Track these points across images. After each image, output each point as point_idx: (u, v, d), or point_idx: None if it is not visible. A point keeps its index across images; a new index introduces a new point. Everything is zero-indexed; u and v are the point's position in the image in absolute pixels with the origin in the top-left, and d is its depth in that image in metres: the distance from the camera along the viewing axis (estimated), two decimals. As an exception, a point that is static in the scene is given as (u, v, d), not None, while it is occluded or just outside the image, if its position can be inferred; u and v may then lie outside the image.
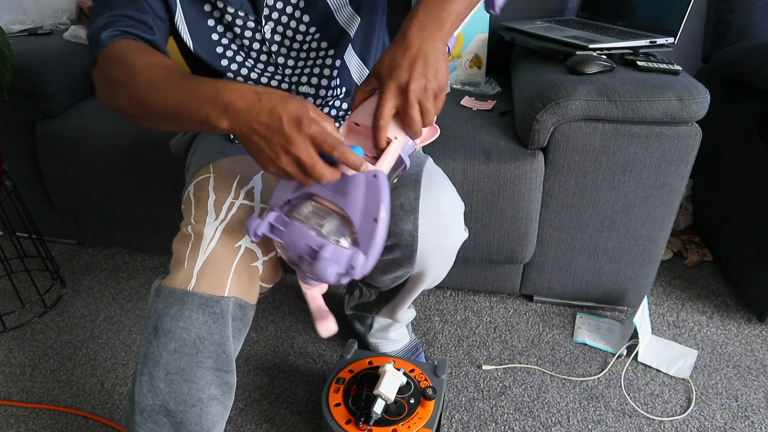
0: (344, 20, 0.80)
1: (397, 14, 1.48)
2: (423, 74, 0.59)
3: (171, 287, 0.66)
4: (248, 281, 0.69)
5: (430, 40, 0.61)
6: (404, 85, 0.59)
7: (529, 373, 1.15)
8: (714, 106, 1.11)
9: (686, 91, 1.00)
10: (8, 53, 1.23)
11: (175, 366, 0.65)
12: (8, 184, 1.32)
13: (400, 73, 0.59)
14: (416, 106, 0.60)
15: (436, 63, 0.60)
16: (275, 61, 0.80)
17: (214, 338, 0.66)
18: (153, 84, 0.60)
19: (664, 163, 1.06)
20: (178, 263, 0.68)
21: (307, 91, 0.83)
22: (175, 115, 0.59)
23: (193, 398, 0.66)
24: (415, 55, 0.60)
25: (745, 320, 1.28)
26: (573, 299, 1.31)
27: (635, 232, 1.15)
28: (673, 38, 1.14)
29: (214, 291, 0.65)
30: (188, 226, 0.71)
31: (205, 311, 0.65)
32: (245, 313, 0.70)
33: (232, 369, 0.70)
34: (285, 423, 1.06)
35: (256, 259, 0.70)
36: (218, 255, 0.67)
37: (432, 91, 0.60)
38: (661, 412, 1.06)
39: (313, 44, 0.80)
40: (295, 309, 1.37)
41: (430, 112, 0.60)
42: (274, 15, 0.76)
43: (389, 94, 0.59)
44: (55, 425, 1.07)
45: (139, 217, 1.42)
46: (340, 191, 0.61)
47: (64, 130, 1.35)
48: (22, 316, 1.37)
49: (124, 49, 0.65)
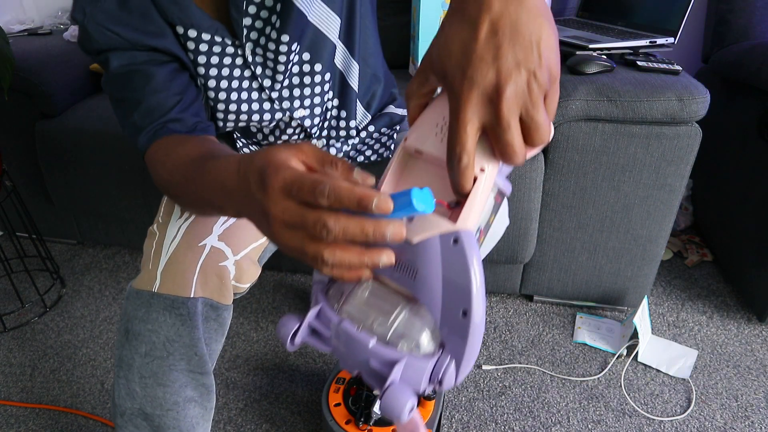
0: (322, 25, 0.72)
1: (398, 14, 1.49)
2: (520, 63, 0.35)
3: (138, 288, 0.65)
4: (217, 281, 0.66)
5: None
6: (492, 91, 0.35)
7: (529, 373, 1.15)
8: (714, 106, 1.11)
9: (686, 91, 1.00)
10: (8, 53, 1.23)
11: (147, 370, 0.64)
12: (8, 184, 1.32)
13: (481, 69, 0.35)
14: (515, 123, 0.36)
15: (538, 35, 0.35)
16: (261, 83, 0.73)
17: (184, 340, 0.64)
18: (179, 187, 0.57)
19: (664, 163, 1.06)
20: (145, 263, 0.66)
21: (303, 114, 0.77)
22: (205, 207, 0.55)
23: (169, 402, 0.65)
24: (499, 29, 0.35)
25: (745, 320, 1.28)
26: (573, 299, 1.31)
27: (635, 232, 1.15)
28: (673, 38, 1.14)
29: (178, 292, 0.63)
30: (155, 224, 0.69)
31: (171, 313, 0.63)
32: (219, 313, 0.67)
33: (208, 370, 0.68)
34: (285, 423, 1.06)
35: (225, 258, 0.66)
36: (181, 254, 0.64)
37: (540, 89, 0.35)
38: (661, 412, 1.06)
39: (295, 58, 0.71)
40: (295, 309, 1.37)
41: (540, 127, 0.36)
42: (252, 35, 0.69)
43: (469, 110, 0.36)
44: (55, 425, 1.07)
45: (139, 217, 1.42)
46: (405, 266, 0.40)
47: (64, 130, 1.35)
48: (22, 316, 1.37)
49: (158, 153, 0.63)
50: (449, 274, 0.38)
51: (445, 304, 0.39)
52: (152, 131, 0.63)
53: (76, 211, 1.51)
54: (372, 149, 0.87)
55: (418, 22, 1.29)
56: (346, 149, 0.84)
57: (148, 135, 0.63)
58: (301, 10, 0.67)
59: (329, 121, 0.82)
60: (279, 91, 0.74)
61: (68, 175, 1.40)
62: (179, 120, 0.64)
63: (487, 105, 0.36)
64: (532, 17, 0.35)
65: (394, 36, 1.48)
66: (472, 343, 0.39)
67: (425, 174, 0.42)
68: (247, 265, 0.69)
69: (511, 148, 0.36)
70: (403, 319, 0.41)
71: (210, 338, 0.68)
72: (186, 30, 0.65)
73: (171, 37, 0.65)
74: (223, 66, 0.70)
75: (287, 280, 1.47)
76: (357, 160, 0.87)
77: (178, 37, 0.66)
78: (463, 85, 0.36)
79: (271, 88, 0.73)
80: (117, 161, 1.32)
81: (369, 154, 0.88)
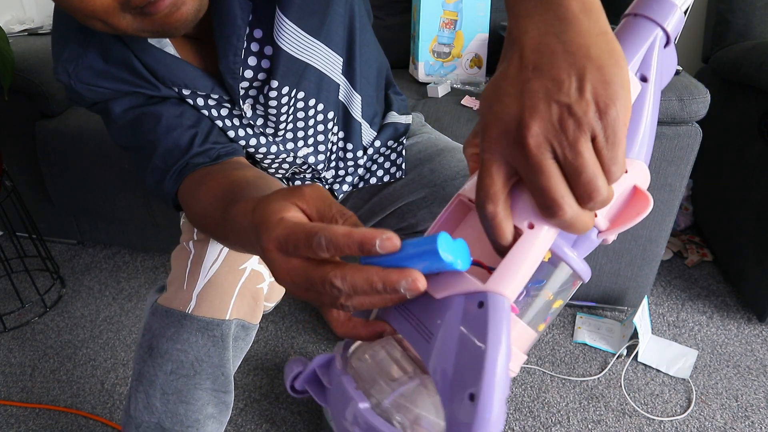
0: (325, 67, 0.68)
1: (398, 14, 1.49)
2: (551, 96, 0.29)
3: (168, 307, 0.62)
4: (252, 302, 0.65)
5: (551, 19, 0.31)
6: (516, 127, 0.30)
7: (529, 373, 1.15)
8: (714, 106, 1.11)
9: (686, 91, 1.00)
10: (8, 53, 1.23)
11: (171, 387, 0.62)
12: (8, 184, 1.32)
13: (507, 103, 0.31)
14: (551, 166, 0.29)
15: (582, 66, 0.29)
16: (262, 131, 0.70)
17: (213, 361, 0.63)
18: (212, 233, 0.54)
19: (664, 163, 1.06)
20: (177, 281, 0.63)
21: (306, 152, 0.74)
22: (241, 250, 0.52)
23: (190, 419, 0.64)
24: (531, 62, 0.31)
25: (745, 320, 1.28)
26: (573, 299, 1.31)
27: (635, 232, 1.15)
28: (673, 38, 1.14)
29: (215, 314, 0.61)
30: (189, 241, 0.66)
31: (204, 334, 0.61)
32: (248, 333, 0.67)
33: (231, 389, 0.67)
34: (285, 423, 1.06)
35: (262, 280, 0.65)
36: (221, 278, 0.62)
37: (578, 127, 0.29)
38: (661, 412, 1.06)
39: (299, 104, 0.68)
40: (295, 309, 1.37)
41: (583, 174, 0.29)
42: (251, 92, 0.65)
43: (492, 148, 0.31)
44: (55, 425, 1.07)
45: (139, 217, 1.42)
46: (424, 327, 0.33)
47: (64, 130, 1.35)
48: (22, 316, 1.37)
49: (185, 196, 0.60)
50: (464, 344, 0.30)
51: (453, 383, 0.30)
52: (177, 172, 0.60)
53: (76, 211, 1.51)
54: (383, 168, 0.83)
55: (419, 22, 1.29)
56: (356, 178, 0.82)
57: (173, 177, 0.60)
58: (301, 59, 0.63)
59: (336, 153, 0.79)
60: (282, 135, 0.71)
61: (68, 175, 1.40)
62: (202, 153, 0.62)
63: (514, 145, 0.30)
64: (576, 49, 0.30)
65: (394, 36, 1.48)
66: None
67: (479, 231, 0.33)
68: (277, 285, 0.67)
69: (550, 197, 0.29)
70: (408, 389, 0.34)
71: (235, 356, 0.67)
72: (179, 89, 0.62)
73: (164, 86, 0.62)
74: (225, 118, 0.66)
75: (287, 280, 1.47)
76: (370, 182, 0.83)
77: None
78: (486, 122, 0.31)
79: (274, 134, 0.71)
80: (117, 161, 1.32)
81: (381, 174, 0.83)
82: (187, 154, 0.60)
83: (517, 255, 0.31)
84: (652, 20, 0.35)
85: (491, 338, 0.29)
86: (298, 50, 0.62)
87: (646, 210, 0.32)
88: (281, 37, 0.60)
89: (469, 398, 0.28)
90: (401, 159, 0.83)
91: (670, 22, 0.35)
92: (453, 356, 0.30)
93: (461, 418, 0.29)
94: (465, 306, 0.30)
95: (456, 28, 1.28)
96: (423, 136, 0.86)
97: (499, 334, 0.29)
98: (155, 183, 0.62)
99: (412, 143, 0.85)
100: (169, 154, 0.60)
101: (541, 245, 0.31)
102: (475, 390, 0.28)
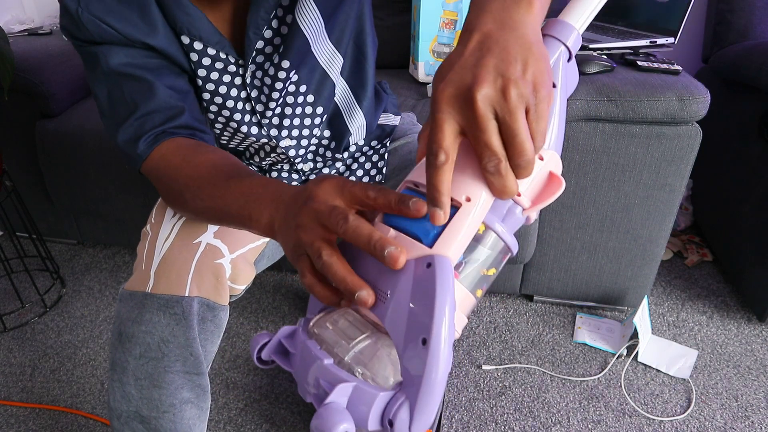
0: (325, 62, 0.71)
1: (398, 14, 1.49)
2: (500, 71, 0.35)
3: (131, 290, 0.63)
4: (213, 280, 0.64)
5: (506, 18, 0.38)
6: (466, 90, 0.35)
7: (529, 373, 1.15)
8: (714, 106, 1.11)
9: (686, 91, 1.00)
10: (8, 53, 1.23)
11: (142, 372, 0.63)
12: (8, 184, 1.32)
13: (460, 72, 0.36)
14: (493, 126, 0.35)
15: (525, 56, 0.36)
16: (254, 107, 0.71)
17: (179, 341, 0.62)
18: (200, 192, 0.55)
19: (664, 163, 1.06)
20: (138, 264, 0.65)
21: (288, 144, 0.75)
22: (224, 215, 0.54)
23: (165, 404, 0.64)
24: (485, 45, 0.37)
25: (745, 320, 1.28)
26: (573, 299, 1.31)
27: (635, 232, 1.15)
28: (673, 38, 1.14)
29: (173, 291, 0.61)
30: (147, 225, 0.67)
31: (166, 313, 0.61)
32: (215, 314, 0.66)
33: (204, 371, 0.66)
34: (285, 423, 1.06)
35: (221, 256, 0.64)
36: (175, 252, 0.62)
37: (519, 98, 0.34)
38: (661, 412, 1.06)
39: (291, 87, 0.70)
40: (295, 309, 1.37)
41: (518, 136, 0.35)
42: (259, 58, 0.68)
43: (443, 107, 0.36)
44: (55, 425, 1.07)
45: (140, 217, 1.42)
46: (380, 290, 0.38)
47: (64, 130, 1.35)
48: (22, 316, 1.37)
49: (164, 160, 0.60)
50: (416, 299, 0.35)
51: (407, 333, 0.35)
52: (152, 136, 0.61)
53: (76, 211, 1.51)
54: (363, 168, 0.83)
55: (418, 22, 1.29)
56: (334, 171, 0.82)
57: (148, 141, 0.61)
58: (308, 40, 0.66)
59: (318, 149, 0.80)
60: (269, 118, 0.73)
61: (68, 175, 1.40)
62: (182, 126, 0.63)
63: (464, 105, 0.35)
64: (522, 43, 0.37)
65: (394, 36, 1.48)
66: (428, 382, 0.34)
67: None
68: (243, 266, 0.67)
69: (491, 150, 0.35)
70: (367, 346, 0.38)
71: (206, 339, 0.66)
72: (192, 41, 0.64)
73: (169, 37, 0.63)
74: (222, 83, 0.68)
75: (287, 280, 1.47)
76: None
77: (181, 45, 0.65)
78: (441, 88, 0.36)
79: (262, 114, 0.72)
80: (117, 161, 1.32)
81: (360, 174, 0.83)
82: (167, 123, 0.61)
83: (457, 223, 0.37)
84: (558, 39, 0.44)
85: (439, 290, 0.34)
86: (310, 32, 0.66)
87: (559, 190, 0.39)
88: (301, 14, 0.65)
89: (422, 342, 0.34)
90: (383, 162, 0.83)
91: (570, 40, 0.43)
92: (407, 311, 0.36)
93: (415, 365, 0.35)
94: (415, 268, 0.36)
95: (456, 28, 1.28)
96: (413, 137, 0.86)
97: (446, 286, 0.35)
98: (127, 140, 0.61)
99: (402, 143, 0.85)
100: (149, 117, 0.61)
101: (476, 215, 0.37)
102: (426, 335, 0.34)
